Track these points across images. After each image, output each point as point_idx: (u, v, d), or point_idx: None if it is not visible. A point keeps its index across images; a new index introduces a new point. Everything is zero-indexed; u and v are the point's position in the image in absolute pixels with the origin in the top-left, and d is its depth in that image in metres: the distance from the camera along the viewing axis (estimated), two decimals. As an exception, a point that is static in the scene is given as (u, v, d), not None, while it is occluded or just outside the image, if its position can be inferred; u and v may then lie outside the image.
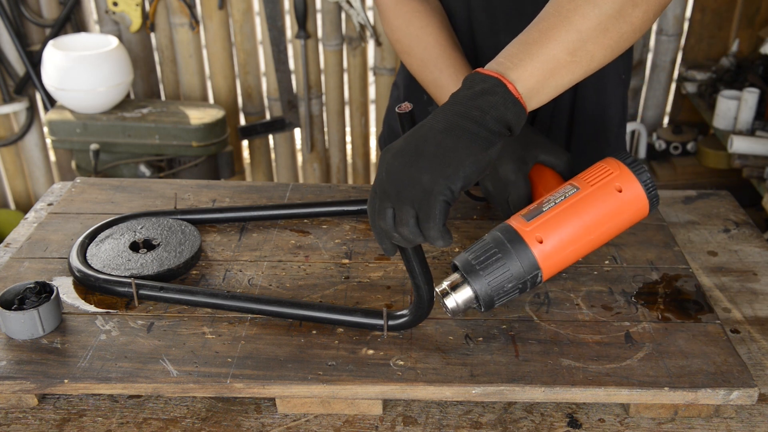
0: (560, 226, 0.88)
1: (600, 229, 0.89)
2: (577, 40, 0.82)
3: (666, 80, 2.90)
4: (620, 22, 0.83)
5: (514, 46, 0.84)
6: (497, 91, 0.80)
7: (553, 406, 0.88)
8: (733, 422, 0.86)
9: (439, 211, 0.77)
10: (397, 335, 0.91)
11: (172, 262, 1.03)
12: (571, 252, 0.89)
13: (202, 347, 0.89)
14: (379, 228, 0.82)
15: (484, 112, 0.79)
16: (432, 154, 0.78)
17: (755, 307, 1.03)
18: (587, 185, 0.90)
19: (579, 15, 0.82)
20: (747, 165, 2.44)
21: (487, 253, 0.86)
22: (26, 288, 0.93)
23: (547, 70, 0.82)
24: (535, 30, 0.83)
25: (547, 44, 0.82)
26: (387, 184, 0.79)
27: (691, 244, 1.16)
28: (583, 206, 0.89)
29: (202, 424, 0.85)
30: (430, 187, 0.77)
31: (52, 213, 1.18)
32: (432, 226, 0.78)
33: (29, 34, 2.77)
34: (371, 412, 0.87)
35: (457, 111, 0.80)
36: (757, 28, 2.80)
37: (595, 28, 0.82)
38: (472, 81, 0.82)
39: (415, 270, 0.88)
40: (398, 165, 0.79)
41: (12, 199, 3.10)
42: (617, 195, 0.89)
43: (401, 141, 0.81)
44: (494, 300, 0.87)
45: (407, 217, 0.78)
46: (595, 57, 0.84)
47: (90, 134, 2.52)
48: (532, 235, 0.87)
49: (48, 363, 0.87)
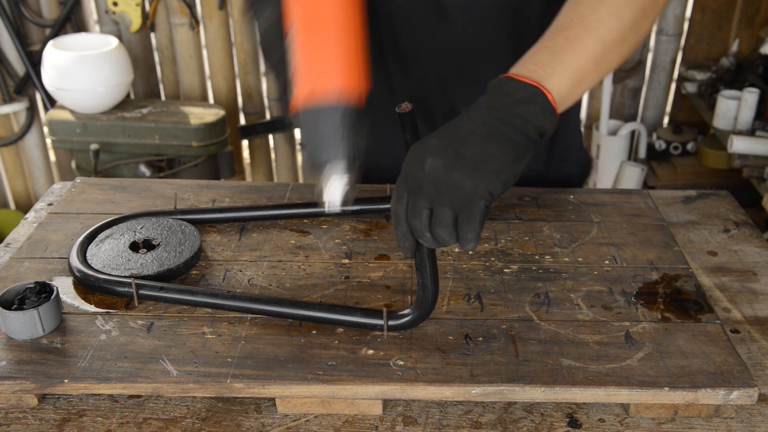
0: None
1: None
2: (601, 50, 0.85)
3: (666, 80, 2.90)
4: (635, 32, 0.87)
5: (543, 52, 0.85)
6: (538, 100, 0.81)
7: (553, 406, 0.88)
8: (733, 422, 0.86)
9: (480, 215, 0.78)
10: (397, 335, 0.91)
11: (172, 262, 1.03)
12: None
13: (202, 347, 0.90)
14: (410, 225, 0.82)
15: (525, 120, 0.81)
16: (474, 158, 0.79)
17: (755, 307, 1.03)
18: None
19: (604, 27, 0.85)
20: (747, 165, 2.44)
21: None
22: (26, 288, 0.93)
23: (576, 79, 0.84)
24: (562, 38, 0.85)
25: (575, 54, 0.84)
26: (425, 183, 0.79)
27: (691, 244, 1.16)
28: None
29: (202, 424, 0.85)
30: (473, 192, 0.78)
31: (52, 213, 1.18)
32: (471, 229, 0.79)
33: (29, 34, 2.77)
34: (371, 412, 0.87)
35: (498, 117, 0.81)
36: (757, 28, 2.80)
37: (616, 39, 0.85)
38: (509, 87, 0.82)
39: (426, 270, 0.88)
40: (439, 166, 0.79)
41: (12, 199, 3.10)
42: None
43: (437, 141, 0.81)
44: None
45: (447, 218, 0.79)
46: (613, 65, 0.88)
47: (90, 134, 2.53)
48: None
49: (48, 363, 0.87)
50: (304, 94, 0.82)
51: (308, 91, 0.82)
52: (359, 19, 0.83)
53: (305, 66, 0.82)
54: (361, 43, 0.83)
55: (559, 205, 1.20)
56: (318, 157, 0.83)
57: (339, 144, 0.82)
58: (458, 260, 1.06)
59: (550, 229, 1.14)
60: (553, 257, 1.07)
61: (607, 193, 1.24)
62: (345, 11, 0.82)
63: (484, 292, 0.99)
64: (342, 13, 0.82)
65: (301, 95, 0.83)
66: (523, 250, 1.09)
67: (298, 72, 0.83)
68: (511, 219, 1.16)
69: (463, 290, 1.00)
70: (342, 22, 0.82)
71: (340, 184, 0.84)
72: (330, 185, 0.84)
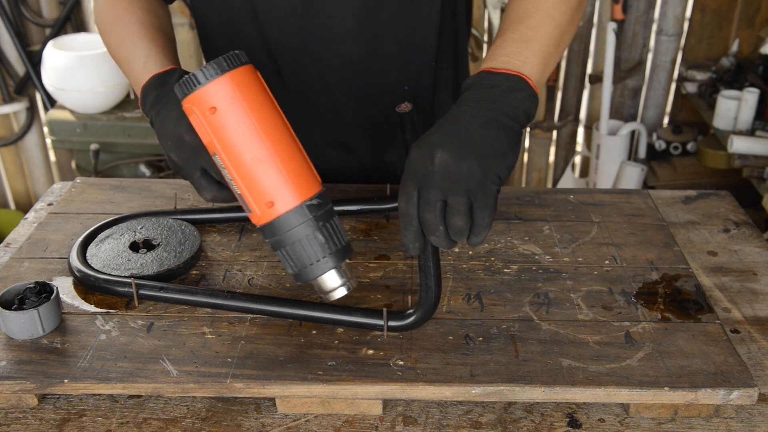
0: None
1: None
2: (559, 34, 0.92)
3: (666, 80, 2.90)
4: (579, 11, 0.96)
5: (511, 44, 0.90)
6: (522, 87, 0.86)
7: (553, 406, 0.88)
8: (733, 422, 0.86)
9: (494, 199, 0.82)
10: (396, 335, 0.91)
11: (172, 262, 1.03)
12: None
13: (202, 347, 0.90)
14: (423, 220, 0.82)
15: (515, 108, 0.85)
16: (479, 146, 0.82)
17: (755, 307, 1.03)
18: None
19: (559, 12, 0.92)
20: (747, 165, 2.44)
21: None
22: (26, 288, 0.93)
23: (544, 63, 0.90)
24: (525, 27, 0.91)
25: (540, 41, 0.90)
26: (437, 176, 0.81)
27: (691, 244, 1.16)
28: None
29: (202, 424, 0.85)
30: (484, 177, 0.81)
31: (52, 213, 1.18)
32: (487, 215, 0.81)
33: (29, 34, 2.77)
34: (371, 412, 0.87)
35: (490, 108, 0.85)
36: (757, 28, 2.80)
37: (568, 21, 0.94)
38: (493, 80, 0.87)
39: (430, 271, 0.89)
40: (449, 158, 0.81)
41: (12, 199, 3.10)
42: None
43: (440, 135, 0.83)
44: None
45: (463, 206, 0.80)
46: (566, 45, 0.96)
47: (90, 134, 2.53)
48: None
49: (48, 363, 0.87)
50: (260, 213, 0.83)
51: (262, 209, 0.83)
52: (273, 114, 0.84)
53: (248, 189, 0.83)
54: (289, 137, 0.84)
55: (559, 205, 1.20)
56: (302, 264, 0.84)
57: (315, 242, 0.83)
58: (458, 260, 1.06)
59: (550, 229, 1.14)
60: (553, 257, 1.07)
61: (607, 193, 1.24)
62: (260, 120, 0.82)
63: (484, 292, 0.99)
64: (258, 124, 0.82)
65: (256, 215, 0.84)
66: (523, 250, 1.09)
67: (243, 195, 0.84)
68: (511, 219, 1.16)
69: (463, 290, 1.00)
70: (262, 132, 0.82)
71: (336, 276, 0.86)
72: (327, 282, 0.86)
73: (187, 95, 0.82)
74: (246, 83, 0.82)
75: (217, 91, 0.81)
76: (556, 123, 3.00)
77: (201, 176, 0.90)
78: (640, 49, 2.84)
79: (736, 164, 2.46)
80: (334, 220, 0.85)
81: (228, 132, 0.81)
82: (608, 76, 2.75)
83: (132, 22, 1.07)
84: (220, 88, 0.81)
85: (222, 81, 0.81)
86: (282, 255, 0.85)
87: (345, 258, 0.86)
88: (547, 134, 3.02)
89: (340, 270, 0.85)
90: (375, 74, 1.18)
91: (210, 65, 0.81)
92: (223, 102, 0.81)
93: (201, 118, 0.82)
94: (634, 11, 2.76)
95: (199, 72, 0.81)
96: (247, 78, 0.82)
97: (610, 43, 2.69)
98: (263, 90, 0.84)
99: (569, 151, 3.09)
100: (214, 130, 0.82)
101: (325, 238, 0.84)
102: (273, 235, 0.84)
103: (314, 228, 0.83)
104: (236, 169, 0.83)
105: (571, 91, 2.95)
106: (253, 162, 0.82)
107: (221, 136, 0.82)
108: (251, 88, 0.82)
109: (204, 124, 0.82)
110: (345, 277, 0.86)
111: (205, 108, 0.81)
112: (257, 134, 0.81)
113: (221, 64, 0.81)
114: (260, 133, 0.81)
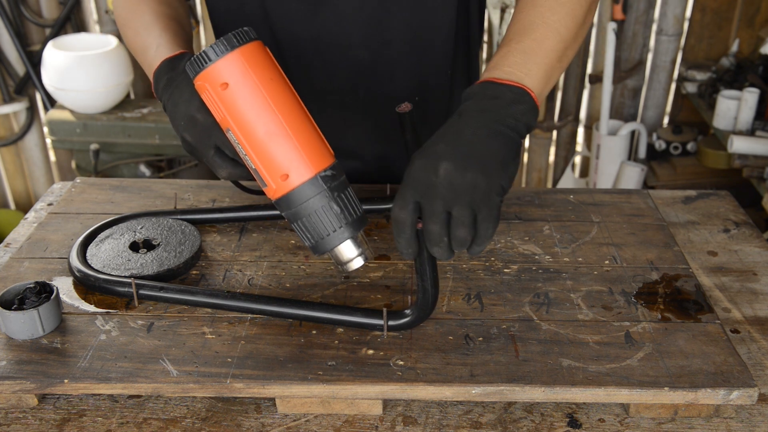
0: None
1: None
2: (563, 48, 0.93)
3: (666, 80, 2.90)
4: (584, 28, 0.96)
5: (515, 55, 0.90)
6: (525, 100, 0.87)
7: (553, 406, 0.88)
8: (733, 422, 0.86)
9: (498, 210, 0.82)
10: (397, 335, 0.91)
11: (172, 262, 1.03)
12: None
13: (202, 347, 0.90)
14: (427, 231, 0.82)
15: (517, 120, 0.85)
16: (483, 157, 0.82)
17: (755, 307, 1.03)
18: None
19: (563, 27, 0.92)
20: (747, 165, 2.44)
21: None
22: (26, 288, 0.93)
23: (547, 76, 0.91)
24: (530, 40, 0.91)
25: (544, 54, 0.91)
26: (441, 188, 0.81)
27: (691, 244, 1.16)
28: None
29: (202, 424, 0.85)
30: (488, 189, 0.81)
31: (52, 213, 1.18)
32: (491, 225, 0.82)
33: (29, 34, 2.77)
34: (371, 412, 0.87)
35: (493, 119, 0.85)
36: (757, 28, 2.80)
37: (573, 36, 0.94)
38: (496, 90, 0.87)
39: (426, 273, 0.89)
40: (453, 169, 0.81)
41: (12, 199, 3.10)
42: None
43: (444, 146, 0.83)
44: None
45: (467, 218, 0.81)
46: (570, 60, 0.96)
47: (90, 134, 2.53)
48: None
49: (48, 363, 0.87)
50: (276, 186, 0.84)
51: (277, 182, 0.84)
52: (285, 88, 0.85)
53: (263, 162, 0.84)
54: (300, 110, 0.85)
55: (559, 205, 1.20)
56: (319, 235, 0.85)
57: (331, 212, 0.84)
58: (458, 260, 1.06)
59: (550, 229, 1.14)
60: (553, 257, 1.07)
61: (607, 193, 1.24)
62: (271, 94, 0.83)
63: (484, 292, 0.99)
64: (269, 98, 0.83)
65: (271, 188, 0.84)
66: (523, 250, 1.09)
67: (258, 169, 0.84)
68: (511, 219, 1.16)
69: (463, 290, 1.00)
70: (273, 106, 0.83)
71: (353, 246, 0.86)
72: (344, 252, 0.86)
73: (199, 72, 0.83)
74: (256, 58, 0.83)
75: (228, 67, 0.82)
76: (556, 123, 3.00)
77: (215, 154, 0.91)
78: (640, 49, 2.84)
79: (736, 164, 2.46)
80: (349, 191, 0.86)
81: (241, 107, 0.82)
82: (608, 76, 2.75)
83: (146, 12, 1.09)
84: (230, 63, 0.82)
85: (232, 57, 0.82)
86: (298, 227, 0.85)
87: (361, 228, 0.86)
88: (547, 134, 3.02)
89: (356, 240, 0.86)
90: (382, 80, 1.18)
91: (220, 41, 0.82)
92: (234, 77, 0.82)
93: (213, 94, 0.83)
94: (634, 11, 2.77)
95: (209, 49, 0.82)
96: (257, 53, 0.83)
97: (610, 43, 2.69)
98: (273, 65, 0.85)
99: (569, 151, 3.09)
100: (227, 105, 0.83)
101: (341, 209, 0.84)
102: (289, 207, 0.84)
103: (329, 198, 0.84)
104: (250, 143, 0.83)
105: (571, 91, 2.95)
106: (267, 135, 0.82)
107: (234, 111, 0.83)
108: (262, 63, 0.83)
109: (216, 100, 0.83)
110: (361, 247, 0.86)
111: (217, 84, 0.82)
112: (269, 108, 0.82)
113: (231, 41, 0.81)
114: (272, 107, 0.82)
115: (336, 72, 1.18)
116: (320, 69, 1.18)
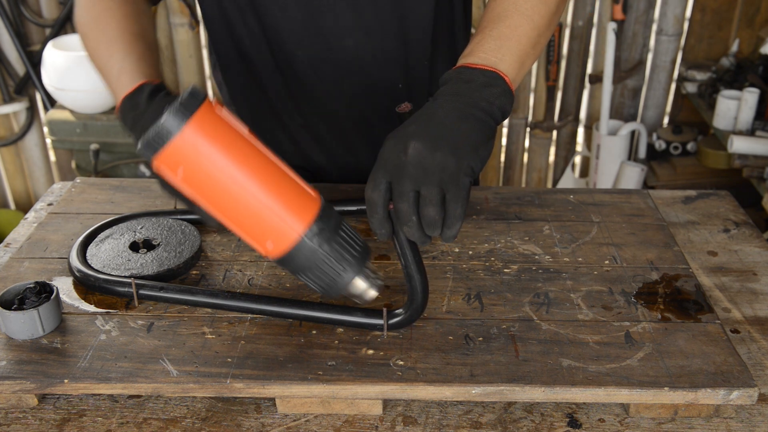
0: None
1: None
2: (537, 35, 0.94)
3: (666, 80, 2.90)
4: (557, 16, 0.98)
5: (489, 41, 0.91)
6: (498, 83, 0.88)
7: (553, 406, 0.88)
8: (733, 422, 0.86)
9: (467, 191, 0.82)
10: (397, 335, 0.91)
11: (172, 262, 1.03)
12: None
13: (202, 347, 0.89)
14: (397, 211, 0.82)
15: (490, 103, 0.86)
16: (454, 139, 0.83)
17: (755, 307, 1.03)
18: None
19: (537, 14, 0.94)
20: (747, 165, 2.44)
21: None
22: (26, 288, 0.93)
23: (520, 62, 0.92)
24: (504, 26, 0.93)
25: (518, 40, 0.92)
26: (410, 167, 0.82)
27: (691, 244, 1.16)
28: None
29: (202, 424, 0.85)
30: (457, 169, 0.81)
31: (52, 213, 1.18)
32: (459, 206, 0.82)
33: (29, 34, 2.77)
34: (371, 412, 0.87)
35: (465, 101, 0.86)
36: (757, 28, 2.80)
37: (546, 24, 0.96)
38: (469, 75, 0.88)
39: (408, 257, 0.87)
40: (422, 148, 0.82)
41: (12, 199, 3.10)
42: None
43: (415, 127, 0.84)
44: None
45: (436, 197, 0.81)
46: (542, 47, 0.98)
47: (90, 134, 2.53)
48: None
49: (48, 363, 0.87)
50: (265, 252, 0.82)
51: (266, 249, 0.81)
52: (261, 157, 0.79)
53: (244, 233, 0.81)
54: (271, 164, 0.80)
55: (559, 205, 1.20)
56: (325, 283, 0.84)
57: (330, 260, 0.82)
58: (458, 260, 1.06)
59: (550, 229, 1.14)
60: (553, 257, 1.07)
61: (607, 193, 1.24)
62: (235, 162, 0.76)
63: (484, 292, 0.99)
64: (234, 167, 0.76)
65: (263, 253, 0.83)
66: (523, 250, 1.09)
67: (243, 239, 0.82)
68: (511, 219, 1.16)
69: (463, 290, 1.00)
70: (240, 175, 0.77)
71: (362, 281, 0.85)
72: (355, 289, 0.85)
73: (150, 158, 0.76)
74: (209, 127, 0.75)
75: (179, 150, 0.74)
76: (556, 123, 3.00)
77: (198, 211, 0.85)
78: (640, 49, 2.84)
79: (736, 164, 2.46)
80: (344, 227, 0.83)
81: (207, 186, 0.76)
82: (608, 76, 2.75)
83: (109, 26, 1.05)
84: (182, 144, 0.74)
85: (181, 138, 0.73)
86: (304, 279, 0.84)
87: (366, 260, 0.84)
88: (547, 134, 3.02)
89: (364, 273, 0.84)
90: (368, 70, 1.19)
91: (167, 118, 0.73)
92: (188, 159, 0.74)
93: (173, 178, 0.77)
94: (634, 11, 2.77)
95: (156, 131, 0.74)
96: (209, 119, 0.75)
97: (610, 43, 2.69)
98: (228, 126, 0.77)
99: (569, 151, 3.09)
100: (193, 186, 0.77)
101: (339, 253, 0.82)
102: (286, 266, 0.82)
103: (327, 246, 0.81)
104: (225, 218, 0.80)
105: (571, 91, 2.95)
106: (240, 208, 0.77)
107: (200, 190, 0.77)
108: (216, 130, 0.75)
109: (180, 182, 0.77)
110: (370, 279, 0.85)
111: (175, 168, 0.75)
112: (237, 178, 0.76)
113: (178, 115, 0.73)
114: (240, 175, 0.76)
115: (321, 62, 1.18)
116: (306, 62, 1.18)
